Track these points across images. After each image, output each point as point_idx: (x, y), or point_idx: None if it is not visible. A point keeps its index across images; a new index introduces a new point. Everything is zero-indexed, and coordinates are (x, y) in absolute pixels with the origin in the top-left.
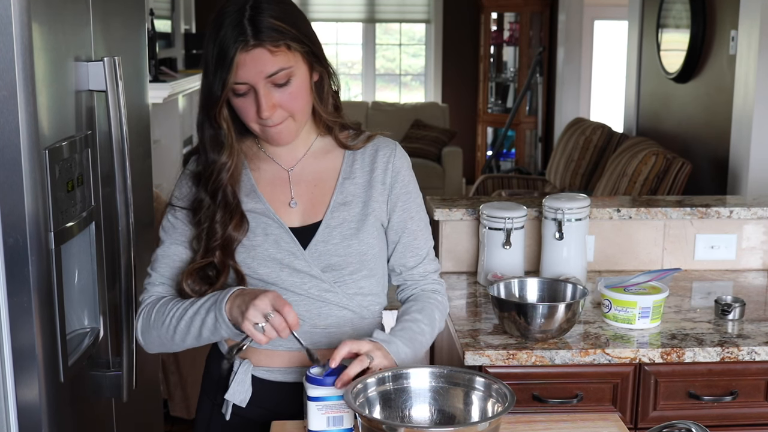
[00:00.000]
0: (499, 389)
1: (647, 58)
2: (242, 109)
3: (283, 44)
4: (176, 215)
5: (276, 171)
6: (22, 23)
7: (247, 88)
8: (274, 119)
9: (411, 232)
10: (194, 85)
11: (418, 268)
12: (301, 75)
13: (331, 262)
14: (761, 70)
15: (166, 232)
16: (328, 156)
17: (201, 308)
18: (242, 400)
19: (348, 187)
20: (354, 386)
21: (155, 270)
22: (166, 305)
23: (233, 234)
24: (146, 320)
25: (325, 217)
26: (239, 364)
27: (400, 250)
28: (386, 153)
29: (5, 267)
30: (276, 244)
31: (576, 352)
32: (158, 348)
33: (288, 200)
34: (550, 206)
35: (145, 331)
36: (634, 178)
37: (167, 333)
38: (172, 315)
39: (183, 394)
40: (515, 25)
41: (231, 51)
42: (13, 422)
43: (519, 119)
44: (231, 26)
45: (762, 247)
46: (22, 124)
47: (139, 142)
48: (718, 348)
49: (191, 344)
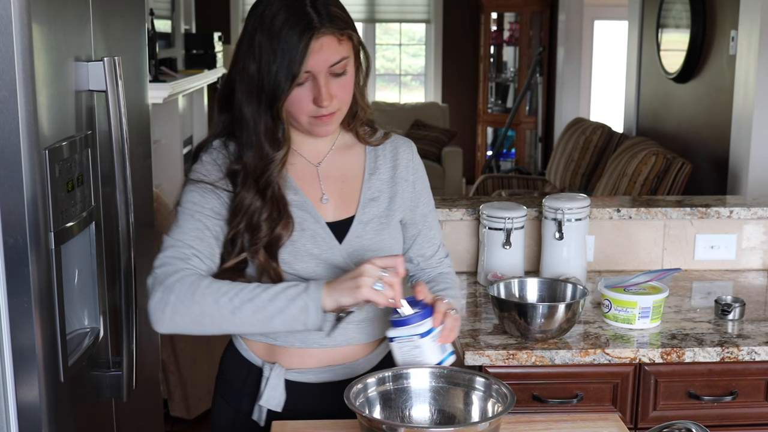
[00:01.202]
0: (499, 389)
1: (647, 58)
2: (296, 100)
3: (347, 33)
4: (204, 194)
5: (304, 165)
6: (22, 23)
7: (307, 77)
8: (330, 109)
9: (428, 224)
10: (194, 85)
11: (435, 256)
12: (352, 65)
13: (365, 257)
14: (761, 70)
15: (195, 204)
16: (351, 151)
17: (279, 296)
18: (277, 404)
19: (374, 183)
20: (354, 386)
21: (184, 242)
22: (219, 283)
23: (281, 233)
24: (187, 292)
25: (357, 213)
26: (270, 368)
27: (420, 242)
28: (406, 150)
29: (5, 267)
30: (313, 240)
31: (576, 352)
32: (184, 327)
33: (319, 196)
34: (550, 206)
35: (181, 305)
36: (634, 178)
37: (219, 312)
38: (233, 295)
39: (183, 394)
40: (515, 25)
41: (303, 39)
42: (13, 422)
43: (519, 119)
44: (293, 14)
45: (762, 247)
46: (22, 124)
47: (139, 142)
48: (718, 348)
49: (241, 331)
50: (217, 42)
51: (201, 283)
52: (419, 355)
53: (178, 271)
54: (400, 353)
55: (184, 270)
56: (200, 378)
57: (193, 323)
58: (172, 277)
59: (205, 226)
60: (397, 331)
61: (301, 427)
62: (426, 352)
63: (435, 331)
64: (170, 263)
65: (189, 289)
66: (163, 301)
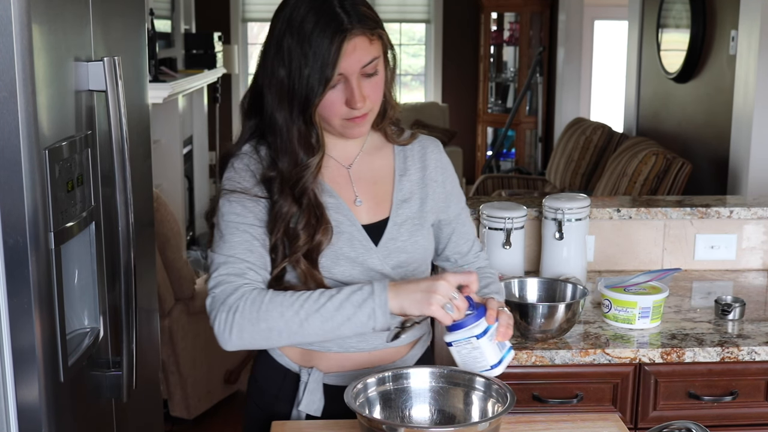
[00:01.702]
0: (499, 389)
1: (647, 58)
2: (330, 103)
3: (377, 33)
4: (245, 203)
5: (336, 168)
6: (22, 23)
7: (339, 79)
8: (363, 110)
9: (462, 220)
10: (194, 85)
11: (471, 251)
12: (382, 65)
13: (401, 259)
14: (761, 70)
15: (239, 215)
16: (380, 152)
17: (345, 304)
18: (316, 409)
19: (405, 184)
20: (354, 386)
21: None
22: (281, 296)
23: (321, 239)
24: (251, 309)
25: (391, 214)
26: (308, 373)
27: (455, 240)
28: (433, 150)
29: (5, 267)
30: (349, 243)
31: (576, 352)
32: (253, 344)
33: (353, 198)
34: (550, 206)
35: (248, 324)
36: (634, 178)
37: (287, 326)
38: (298, 307)
39: (183, 394)
40: (515, 25)
41: (335, 41)
42: (13, 422)
43: (519, 119)
44: (323, 16)
45: (762, 247)
46: (22, 124)
47: (139, 142)
48: (718, 348)
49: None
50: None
51: (263, 298)
52: (479, 356)
53: (237, 289)
54: (460, 356)
55: (242, 286)
56: (200, 378)
57: (262, 339)
58: (233, 296)
59: (252, 237)
60: (454, 335)
61: (301, 427)
62: (485, 352)
63: (491, 329)
64: (227, 281)
65: (252, 306)
66: (228, 322)
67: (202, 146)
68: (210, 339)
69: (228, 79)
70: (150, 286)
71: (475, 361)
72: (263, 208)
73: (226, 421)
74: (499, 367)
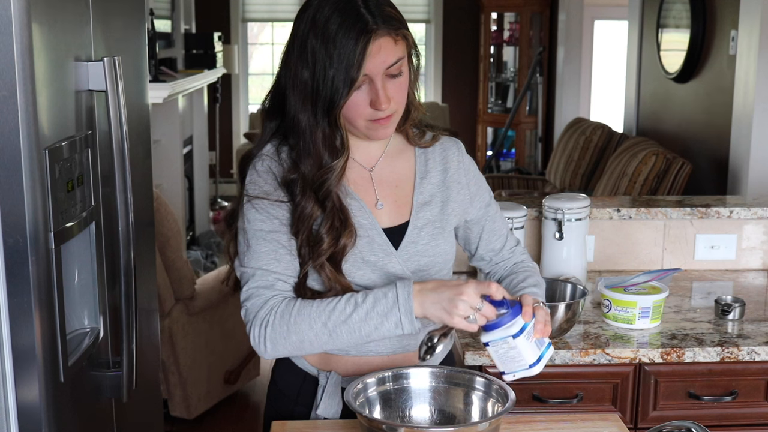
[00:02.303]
0: (499, 389)
1: (647, 58)
2: (355, 105)
3: (401, 33)
4: (268, 210)
5: (358, 171)
6: (22, 23)
7: (364, 80)
8: (388, 112)
9: (491, 218)
10: (194, 85)
11: (505, 248)
12: (407, 66)
13: (421, 263)
14: (761, 70)
15: (264, 223)
16: (402, 155)
17: (371, 315)
18: (334, 413)
19: (426, 187)
20: (354, 386)
21: (263, 268)
22: (309, 306)
23: (345, 243)
24: (280, 323)
25: (411, 218)
26: (326, 377)
27: (486, 238)
28: (455, 152)
29: (5, 267)
30: (369, 247)
31: (576, 352)
32: (288, 353)
33: (374, 201)
34: (550, 206)
35: (279, 338)
36: (634, 178)
37: (317, 338)
38: (325, 318)
39: (183, 394)
40: (515, 25)
41: (360, 42)
42: (13, 422)
43: (519, 119)
44: (347, 17)
45: (762, 247)
46: (22, 124)
47: (139, 142)
48: (718, 348)
49: (342, 346)
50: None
51: (291, 311)
52: (517, 356)
53: (267, 302)
54: (498, 356)
55: (271, 299)
56: (200, 378)
57: (296, 350)
58: (262, 309)
59: (280, 245)
60: (490, 335)
61: (301, 427)
62: (523, 351)
63: (528, 327)
64: (257, 294)
65: (282, 320)
66: (261, 336)
67: (202, 146)
68: (210, 339)
69: (228, 79)
70: (150, 286)
71: (513, 361)
72: (286, 211)
73: (226, 421)
74: (537, 366)
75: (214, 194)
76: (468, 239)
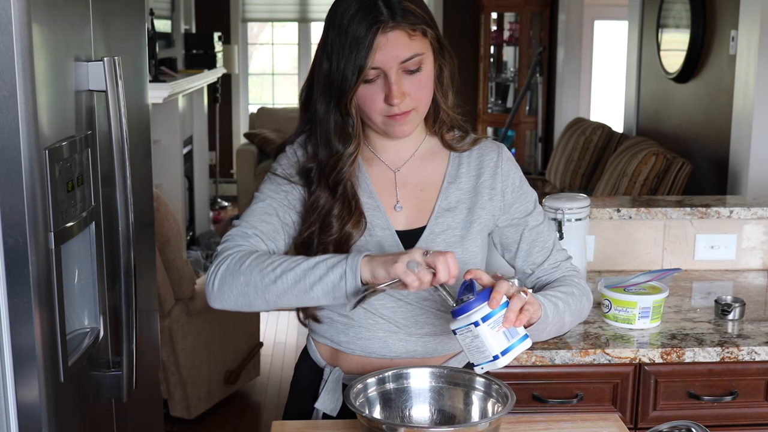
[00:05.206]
0: (499, 389)
1: (647, 58)
2: (367, 98)
3: (420, 28)
4: (281, 185)
5: (382, 171)
6: (22, 23)
7: (377, 73)
8: (402, 107)
9: (532, 229)
10: (194, 85)
11: (549, 261)
12: (430, 63)
13: None
14: (761, 70)
15: (270, 191)
16: (434, 158)
17: (320, 264)
18: (333, 409)
19: (453, 192)
20: (354, 386)
21: (249, 222)
22: (266, 256)
23: (351, 231)
24: (236, 264)
25: (429, 223)
26: (330, 371)
27: (525, 249)
28: (492, 157)
29: (5, 267)
30: (379, 247)
31: (576, 352)
32: (233, 300)
33: (393, 203)
34: (550, 206)
35: (229, 276)
36: (634, 178)
37: (262, 281)
38: (276, 265)
39: (183, 394)
40: (515, 25)
41: (369, 33)
42: (13, 422)
43: (519, 119)
44: (363, 8)
45: (762, 247)
46: (22, 124)
47: (139, 142)
48: (718, 348)
49: (285, 302)
50: (217, 42)
51: (250, 257)
52: (481, 345)
53: (235, 247)
54: (465, 346)
55: (241, 246)
56: (200, 378)
57: (240, 294)
58: (228, 251)
59: (273, 210)
60: (456, 322)
61: (301, 427)
62: (486, 341)
63: (494, 315)
64: (230, 240)
65: (239, 261)
66: (214, 273)
67: (202, 146)
68: (210, 339)
69: (228, 79)
70: (150, 286)
71: (477, 351)
72: (298, 194)
73: (226, 421)
74: (504, 358)
75: (214, 194)
76: (505, 246)
